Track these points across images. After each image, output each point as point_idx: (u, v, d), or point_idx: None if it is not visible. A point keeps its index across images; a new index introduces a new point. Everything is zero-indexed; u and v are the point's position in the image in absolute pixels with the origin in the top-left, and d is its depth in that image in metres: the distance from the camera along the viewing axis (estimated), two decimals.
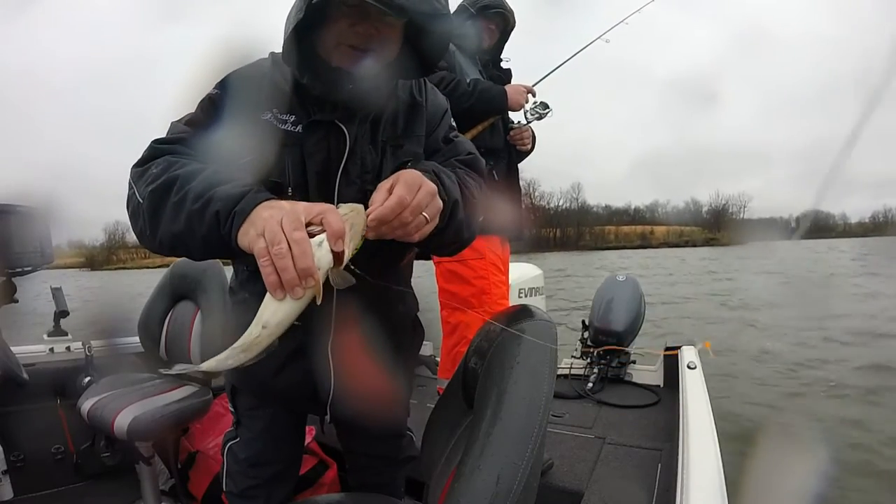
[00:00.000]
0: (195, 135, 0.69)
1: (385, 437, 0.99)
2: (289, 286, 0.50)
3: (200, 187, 0.58)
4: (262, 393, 0.88)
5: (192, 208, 0.57)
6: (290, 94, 0.73)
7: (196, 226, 0.57)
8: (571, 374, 2.25)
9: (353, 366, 0.78)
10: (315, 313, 0.73)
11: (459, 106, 1.44)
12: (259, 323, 0.52)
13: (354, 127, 0.73)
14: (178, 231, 0.59)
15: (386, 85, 0.74)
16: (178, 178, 0.60)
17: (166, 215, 0.59)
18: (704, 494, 0.81)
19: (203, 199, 0.57)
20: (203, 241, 0.58)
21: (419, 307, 0.93)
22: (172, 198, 0.59)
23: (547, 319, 0.64)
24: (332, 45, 0.69)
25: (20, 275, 1.59)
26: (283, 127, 0.71)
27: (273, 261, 0.49)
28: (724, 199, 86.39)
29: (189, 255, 0.64)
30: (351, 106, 0.72)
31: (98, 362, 1.77)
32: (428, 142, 0.81)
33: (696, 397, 1.29)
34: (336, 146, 0.73)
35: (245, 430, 0.93)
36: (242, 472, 0.92)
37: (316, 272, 0.50)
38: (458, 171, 0.75)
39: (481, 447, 0.48)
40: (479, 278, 1.48)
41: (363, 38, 0.68)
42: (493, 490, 0.45)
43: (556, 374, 0.57)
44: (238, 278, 0.86)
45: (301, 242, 0.49)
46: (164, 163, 0.63)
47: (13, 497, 1.52)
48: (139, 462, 1.49)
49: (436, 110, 0.83)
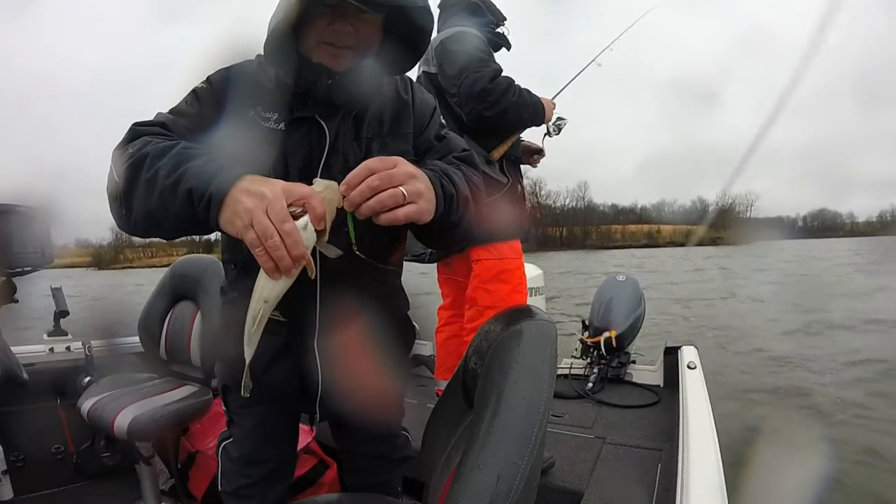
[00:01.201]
0: (177, 122, 0.70)
1: (379, 436, 0.98)
2: (285, 270, 0.54)
3: (172, 163, 0.58)
4: (251, 390, 0.88)
5: (164, 184, 0.57)
6: (273, 93, 0.74)
7: (169, 202, 0.57)
8: (571, 374, 2.25)
9: (341, 363, 0.78)
10: (300, 310, 0.75)
11: (518, 114, 1.50)
12: (260, 298, 0.58)
13: (336, 123, 0.74)
14: (152, 208, 0.58)
15: (366, 80, 0.74)
16: (149, 155, 0.59)
17: (139, 193, 0.59)
18: (704, 494, 0.81)
19: (175, 175, 0.57)
20: (176, 217, 0.58)
21: (409, 306, 0.93)
22: (144, 174, 0.59)
23: (547, 319, 0.64)
24: (314, 44, 0.71)
25: (20, 275, 1.59)
26: (266, 125, 0.72)
27: (267, 251, 0.52)
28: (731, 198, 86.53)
29: (162, 233, 0.64)
30: (331, 101, 0.72)
31: (98, 362, 1.77)
32: (419, 141, 0.81)
33: (696, 397, 1.29)
34: (318, 143, 0.73)
35: (237, 429, 0.93)
36: (236, 470, 0.92)
37: (308, 254, 0.55)
38: (463, 168, 0.76)
39: (481, 447, 0.48)
40: (515, 277, 1.54)
41: (342, 36, 0.69)
42: (493, 490, 0.45)
43: (556, 373, 0.57)
44: (228, 277, 0.86)
45: (292, 233, 0.52)
46: (141, 143, 0.63)
47: (13, 497, 1.52)
48: (139, 462, 1.50)
49: (424, 109, 0.83)
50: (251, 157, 0.68)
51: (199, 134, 0.68)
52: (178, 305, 1.77)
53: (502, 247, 1.53)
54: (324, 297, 0.76)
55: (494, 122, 1.51)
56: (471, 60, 1.45)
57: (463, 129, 1.53)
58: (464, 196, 0.69)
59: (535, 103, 1.54)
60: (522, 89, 1.51)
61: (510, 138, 1.59)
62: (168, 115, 0.71)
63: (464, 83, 1.45)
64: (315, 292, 0.76)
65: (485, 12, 1.57)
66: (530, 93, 1.53)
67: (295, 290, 0.60)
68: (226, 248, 0.84)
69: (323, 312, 0.77)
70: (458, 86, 1.47)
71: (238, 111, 0.72)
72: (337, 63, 0.71)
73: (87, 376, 1.70)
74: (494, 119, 1.49)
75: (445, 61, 1.50)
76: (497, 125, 1.55)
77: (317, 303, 0.76)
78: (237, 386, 0.89)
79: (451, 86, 1.50)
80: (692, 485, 0.84)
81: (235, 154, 0.66)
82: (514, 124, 1.57)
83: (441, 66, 1.52)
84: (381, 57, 0.75)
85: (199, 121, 0.71)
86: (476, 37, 1.51)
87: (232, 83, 0.75)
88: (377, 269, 0.80)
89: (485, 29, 1.55)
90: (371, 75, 0.75)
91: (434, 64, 1.54)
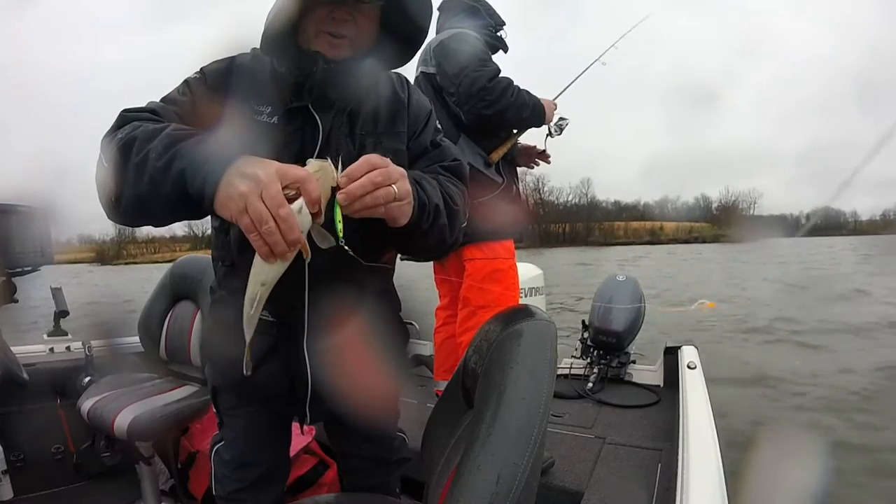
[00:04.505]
0: (167, 110, 0.69)
1: (374, 438, 0.97)
2: (280, 254, 0.53)
3: (162, 145, 0.56)
4: (240, 392, 0.88)
5: (155, 166, 0.56)
6: (267, 86, 0.73)
7: (160, 186, 0.56)
8: (571, 374, 2.25)
9: (331, 364, 0.77)
10: (290, 310, 0.75)
11: (517, 114, 1.51)
12: (257, 282, 0.58)
13: (330, 117, 0.74)
14: (142, 193, 0.57)
15: (362, 74, 0.74)
16: (138, 138, 0.58)
17: (129, 177, 0.58)
18: (704, 494, 0.81)
19: (166, 157, 0.56)
20: (167, 201, 0.57)
21: (402, 307, 0.93)
22: (134, 158, 0.57)
23: (547, 319, 0.64)
24: (312, 34, 0.71)
25: (20, 275, 1.59)
26: (259, 118, 0.72)
27: (262, 236, 0.52)
28: (735, 196, 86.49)
29: (153, 219, 0.63)
30: (325, 91, 0.72)
31: (98, 362, 1.77)
32: (414, 144, 0.81)
33: (696, 397, 1.29)
34: (311, 137, 0.73)
35: (227, 431, 0.92)
36: (228, 474, 0.90)
37: (303, 238, 0.54)
38: (440, 178, 0.76)
39: (481, 447, 0.48)
40: (507, 276, 1.55)
41: (341, 25, 0.70)
42: (493, 490, 0.45)
43: (556, 373, 0.57)
44: (217, 275, 0.85)
45: (287, 218, 0.52)
46: (130, 127, 0.61)
47: (13, 497, 1.52)
48: (139, 462, 1.50)
49: (420, 111, 0.83)
50: (242, 151, 0.69)
51: (189, 123, 0.67)
52: (178, 305, 1.77)
53: (496, 246, 1.53)
54: (313, 296, 0.76)
55: (494, 121, 1.51)
56: (471, 60, 1.46)
57: (461, 128, 1.54)
58: (434, 205, 0.69)
59: (534, 104, 1.55)
60: (521, 90, 1.51)
61: (510, 140, 1.60)
62: (159, 103, 0.71)
63: (463, 82, 1.46)
64: (304, 292, 0.75)
65: (483, 15, 1.58)
66: (529, 93, 1.54)
67: (284, 289, 0.60)
68: (215, 244, 0.83)
69: (312, 312, 0.77)
70: (458, 84, 1.47)
71: (231, 104, 0.72)
72: (335, 52, 0.71)
73: (87, 376, 1.70)
74: (494, 118, 1.49)
75: (445, 60, 1.51)
76: (496, 125, 1.55)
77: (306, 302, 0.76)
78: (228, 387, 0.89)
79: (450, 85, 1.51)
80: (692, 485, 0.84)
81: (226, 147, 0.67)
82: (514, 124, 1.58)
83: (441, 66, 1.53)
84: (377, 51, 0.75)
85: (190, 109, 0.70)
86: (476, 38, 1.52)
87: (225, 75, 0.74)
88: (367, 269, 0.79)
89: (483, 31, 1.56)
90: (366, 70, 0.75)
91: (433, 64, 1.55)
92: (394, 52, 0.77)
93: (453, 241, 0.76)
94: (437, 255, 0.79)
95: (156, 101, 0.71)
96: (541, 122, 1.61)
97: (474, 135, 1.54)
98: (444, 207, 0.71)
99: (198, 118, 0.68)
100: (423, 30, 0.77)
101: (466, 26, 1.55)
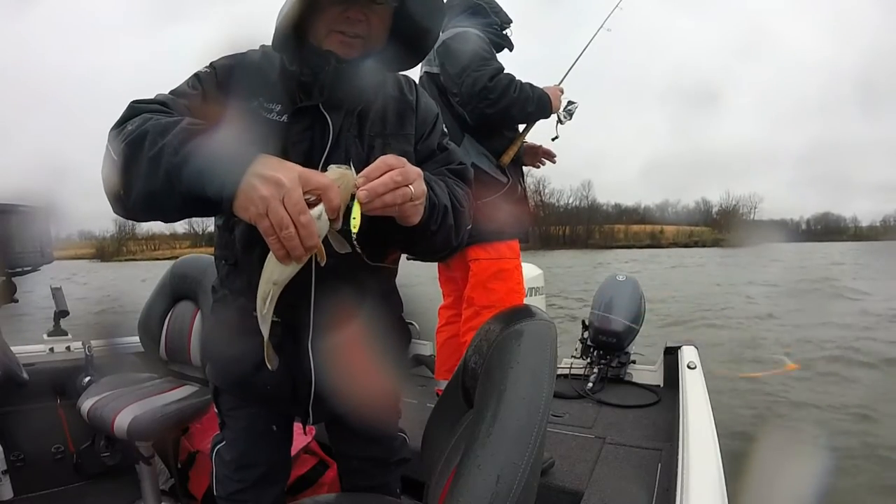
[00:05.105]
0: (177, 103, 0.68)
1: (375, 439, 0.97)
2: (296, 258, 0.54)
3: (178, 139, 0.55)
4: (241, 392, 0.88)
5: (170, 162, 0.54)
6: (277, 83, 0.73)
7: (175, 182, 0.54)
8: (571, 374, 2.24)
9: (335, 364, 0.77)
10: (295, 309, 0.74)
11: (522, 110, 1.50)
12: (269, 281, 0.59)
13: (340, 117, 0.73)
14: (154, 188, 0.55)
15: (371, 75, 0.74)
16: (150, 132, 0.56)
17: (140, 172, 0.56)
18: (704, 494, 0.81)
19: (182, 153, 0.54)
20: (182, 198, 0.55)
21: (404, 308, 0.93)
22: (147, 152, 0.55)
23: (547, 319, 0.64)
24: (324, 33, 0.70)
25: (20, 274, 1.59)
26: (268, 116, 0.71)
27: (281, 240, 0.52)
28: (735, 200, 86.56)
29: (163, 215, 0.62)
30: (336, 89, 0.72)
31: (98, 362, 1.77)
32: (421, 146, 0.81)
33: (696, 397, 1.29)
34: (320, 137, 0.73)
35: (228, 431, 0.92)
36: (229, 475, 0.90)
37: (320, 243, 0.55)
38: (448, 181, 0.76)
39: (481, 447, 0.48)
40: (512, 276, 1.55)
41: (354, 24, 0.69)
42: (493, 490, 0.45)
43: (555, 373, 0.57)
44: (219, 274, 0.85)
45: (308, 225, 0.52)
46: (141, 120, 0.59)
47: (13, 497, 1.52)
48: (139, 462, 1.49)
49: (428, 114, 0.83)
50: (258, 150, 0.69)
51: (198, 117, 0.66)
52: (178, 305, 1.77)
53: (501, 246, 1.53)
54: (318, 296, 0.76)
55: (498, 119, 1.50)
56: (472, 59, 1.46)
57: (465, 128, 1.53)
58: (443, 206, 0.69)
59: (539, 96, 1.53)
60: (524, 84, 1.49)
61: (518, 139, 1.58)
62: (168, 96, 0.69)
63: (465, 82, 1.46)
64: (310, 291, 0.75)
65: (488, 13, 1.57)
66: (532, 86, 1.52)
67: (290, 289, 0.61)
68: (218, 243, 0.82)
69: (317, 312, 0.76)
70: (460, 85, 1.47)
71: (240, 101, 0.71)
72: (347, 51, 0.70)
73: (87, 376, 1.70)
74: (498, 116, 1.48)
75: (448, 60, 1.51)
76: (501, 123, 1.54)
77: (311, 302, 0.76)
78: (229, 387, 0.89)
79: (452, 85, 1.50)
80: (692, 485, 0.84)
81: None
82: (520, 120, 1.57)
83: (443, 66, 1.52)
84: (387, 53, 0.75)
85: (200, 103, 0.69)
86: (478, 37, 1.51)
87: (235, 71, 0.74)
88: (373, 269, 0.79)
89: (487, 30, 1.55)
90: (376, 71, 0.75)
91: (436, 64, 1.55)
92: (403, 55, 0.77)
93: (458, 242, 0.77)
94: (442, 257, 0.79)
95: (165, 94, 0.70)
96: (548, 114, 1.58)
97: (479, 135, 1.54)
98: (452, 209, 0.71)
99: (207, 113, 0.67)
100: (434, 33, 0.76)
101: (470, 25, 1.54)
